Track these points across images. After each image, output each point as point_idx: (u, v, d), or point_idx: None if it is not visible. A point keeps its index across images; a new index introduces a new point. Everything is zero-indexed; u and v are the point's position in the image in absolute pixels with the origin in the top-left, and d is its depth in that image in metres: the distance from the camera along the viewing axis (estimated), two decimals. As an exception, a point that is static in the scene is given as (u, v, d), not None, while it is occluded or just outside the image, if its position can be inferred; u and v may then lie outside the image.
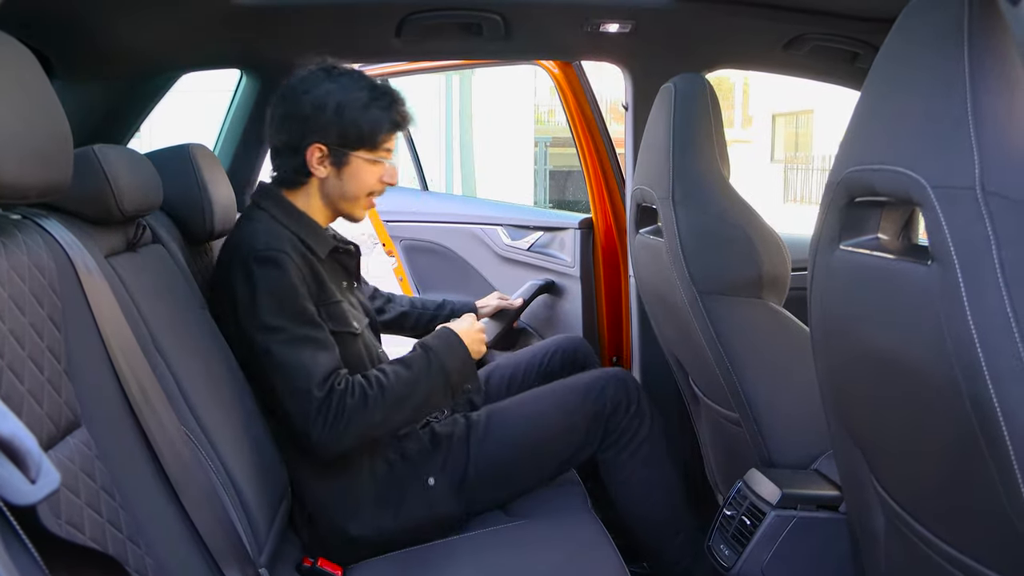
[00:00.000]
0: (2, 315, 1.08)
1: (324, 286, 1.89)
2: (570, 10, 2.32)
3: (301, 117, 1.92)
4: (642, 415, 2.10)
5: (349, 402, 1.76)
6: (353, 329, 1.94)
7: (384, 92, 1.96)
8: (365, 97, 1.92)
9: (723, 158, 1.93)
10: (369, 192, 2.00)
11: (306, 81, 1.95)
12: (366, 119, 1.92)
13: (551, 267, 3.13)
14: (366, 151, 1.95)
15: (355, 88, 1.93)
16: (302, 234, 1.92)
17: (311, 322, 1.81)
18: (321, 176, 1.95)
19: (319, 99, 1.91)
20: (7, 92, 1.09)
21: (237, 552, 1.45)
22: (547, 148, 18.91)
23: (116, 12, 1.89)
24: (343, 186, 1.96)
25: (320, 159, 1.93)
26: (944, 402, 0.99)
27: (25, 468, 0.73)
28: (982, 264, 0.90)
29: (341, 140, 1.92)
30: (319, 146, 1.92)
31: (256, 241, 1.84)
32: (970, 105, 0.91)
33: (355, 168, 1.95)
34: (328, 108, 1.90)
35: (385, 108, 1.94)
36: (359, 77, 1.97)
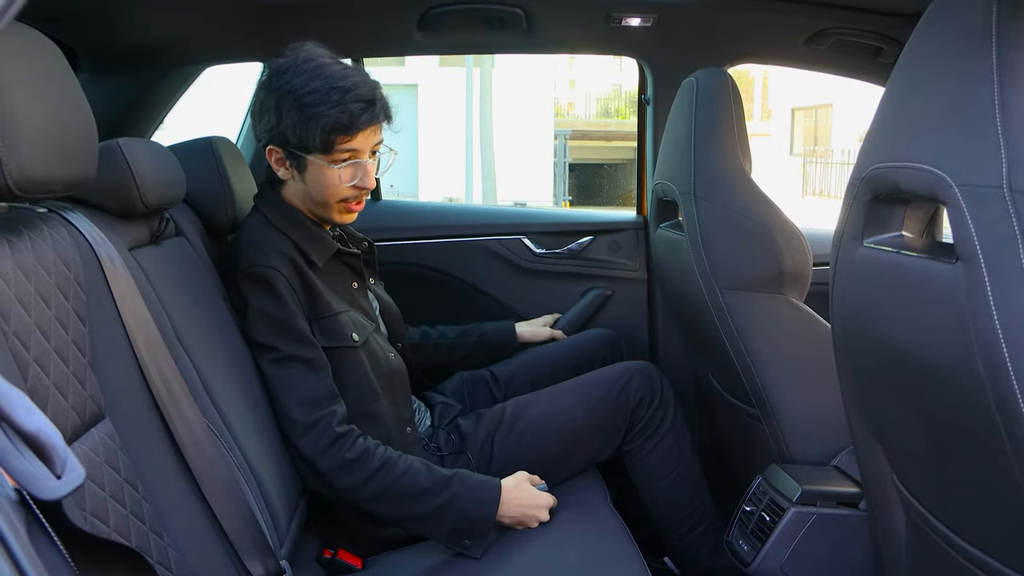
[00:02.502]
0: (28, 308, 1.09)
1: (318, 298, 1.82)
2: (592, 4, 2.31)
3: (258, 116, 1.84)
4: (666, 407, 2.09)
5: (347, 454, 1.72)
6: (350, 343, 1.85)
7: (337, 87, 1.76)
8: (313, 92, 1.75)
9: (745, 153, 1.92)
10: (340, 198, 1.86)
11: (269, 76, 1.82)
12: (306, 118, 1.76)
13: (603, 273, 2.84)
14: (319, 155, 1.80)
15: (307, 82, 1.76)
16: (298, 239, 1.85)
17: (300, 341, 1.76)
18: (285, 179, 1.88)
19: (269, 98, 1.80)
20: (33, 86, 1.10)
21: (258, 544, 1.46)
22: (567, 141, 18.89)
23: (141, 6, 1.90)
24: (308, 189, 1.86)
25: (278, 161, 1.85)
26: (968, 401, 0.98)
27: (51, 463, 0.74)
28: (1008, 263, 0.89)
29: (292, 143, 1.80)
30: (273, 148, 1.84)
31: (243, 256, 1.80)
32: (997, 102, 0.91)
33: (314, 171, 1.83)
34: (273, 107, 1.79)
35: (333, 105, 1.75)
36: (320, 69, 1.78)
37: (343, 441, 1.73)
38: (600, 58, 10.06)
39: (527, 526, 1.80)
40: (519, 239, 2.83)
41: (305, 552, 1.77)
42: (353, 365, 1.86)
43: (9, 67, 1.04)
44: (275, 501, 1.59)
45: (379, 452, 1.75)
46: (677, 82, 2.08)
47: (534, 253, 2.83)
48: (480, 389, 2.32)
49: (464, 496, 1.74)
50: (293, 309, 1.77)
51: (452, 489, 1.74)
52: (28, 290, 1.11)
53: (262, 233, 1.85)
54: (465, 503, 1.74)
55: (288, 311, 1.76)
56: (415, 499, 1.73)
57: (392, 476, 1.73)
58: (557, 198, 18.59)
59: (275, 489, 1.61)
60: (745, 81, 23.52)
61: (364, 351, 1.89)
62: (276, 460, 1.68)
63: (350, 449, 1.73)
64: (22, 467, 0.71)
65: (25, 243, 1.15)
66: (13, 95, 1.04)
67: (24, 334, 1.07)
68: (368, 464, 1.72)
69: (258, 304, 1.77)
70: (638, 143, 2.87)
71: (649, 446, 2.08)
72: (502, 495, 1.77)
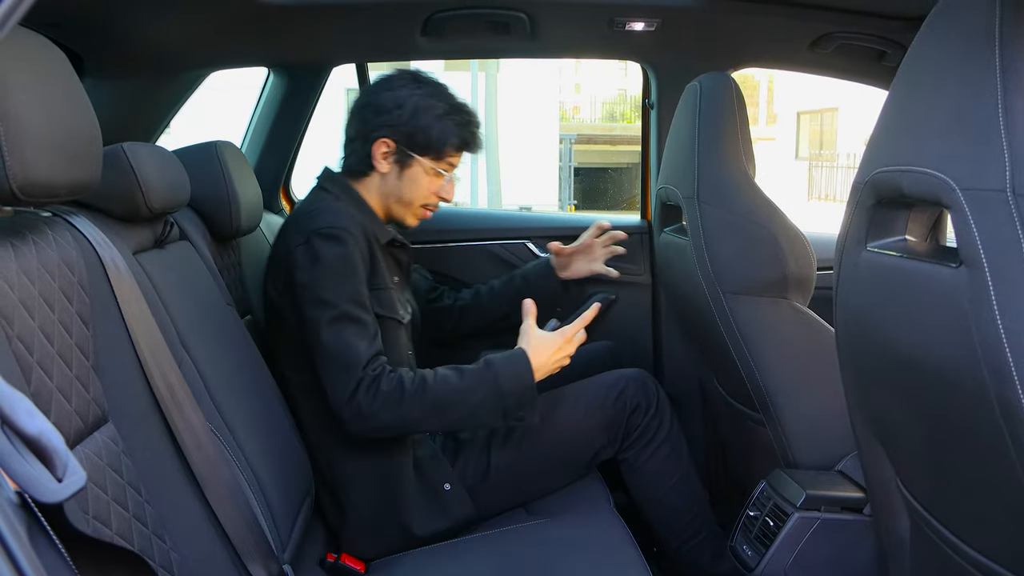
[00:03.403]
0: (32, 312, 1.10)
1: (378, 270, 1.91)
2: (596, 9, 2.31)
3: (378, 109, 1.97)
4: (662, 415, 2.10)
5: (385, 389, 1.75)
6: (399, 316, 1.95)
7: (462, 110, 2.01)
8: (444, 108, 1.97)
9: (748, 157, 1.92)
10: (424, 203, 2.04)
11: (392, 80, 2.01)
12: (438, 128, 1.96)
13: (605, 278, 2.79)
14: (430, 159, 1.99)
15: (437, 97, 1.98)
16: (363, 219, 1.94)
17: (361, 304, 1.82)
18: (382, 171, 1.99)
19: (400, 97, 1.96)
20: (38, 91, 1.10)
21: (261, 547, 1.46)
22: (572, 145, 18.89)
23: (146, 11, 1.90)
24: (400, 187, 2.01)
25: (385, 154, 1.98)
26: (972, 406, 0.98)
27: (52, 466, 0.74)
28: (1012, 267, 0.89)
29: (409, 141, 1.97)
30: (387, 141, 1.97)
31: (320, 218, 1.87)
32: (1001, 106, 0.90)
33: (415, 172, 2.00)
34: (405, 107, 1.95)
35: (460, 125, 1.99)
36: (444, 89, 2.02)
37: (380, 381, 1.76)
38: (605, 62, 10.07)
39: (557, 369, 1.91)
40: (523, 243, 2.84)
41: (308, 556, 1.77)
42: (397, 340, 1.94)
43: (14, 72, 1.05)
44: (278, 505, 1.59)
45: (408, 376, 1.79)
46: (681, 86, 2.08)
47: (538, 257, 2.83)
48: None
49: (501, 379, 1.83)
50: (360, 272, 1.84)
51: (489, 376, 1.83)
52: (32, 294, 1.11)
53: (335, 204, 1.94)
54: (504, 384, 1.83)
55: (356, 272, 1.83)
56: (458, 403, 1.80)
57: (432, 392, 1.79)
58: (562, 202, 18.59)
59: (278, 493, 1.61)
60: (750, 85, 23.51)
61: (404, 332, 1.98)
62: (279, 464, 1.68)
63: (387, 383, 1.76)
64: (23, 470, 0.72)
65: (29, 247, 1.16)
66: (18, 100, 1.04)
67: (28, 337, 1.07)
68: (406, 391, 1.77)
69: (330, 261, 1.81)
70: (642, 148, 2.87)
71: (646, 454, 2.09)
72: (531, 360, 1.86)
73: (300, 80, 2.71)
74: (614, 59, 2.81)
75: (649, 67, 2.70)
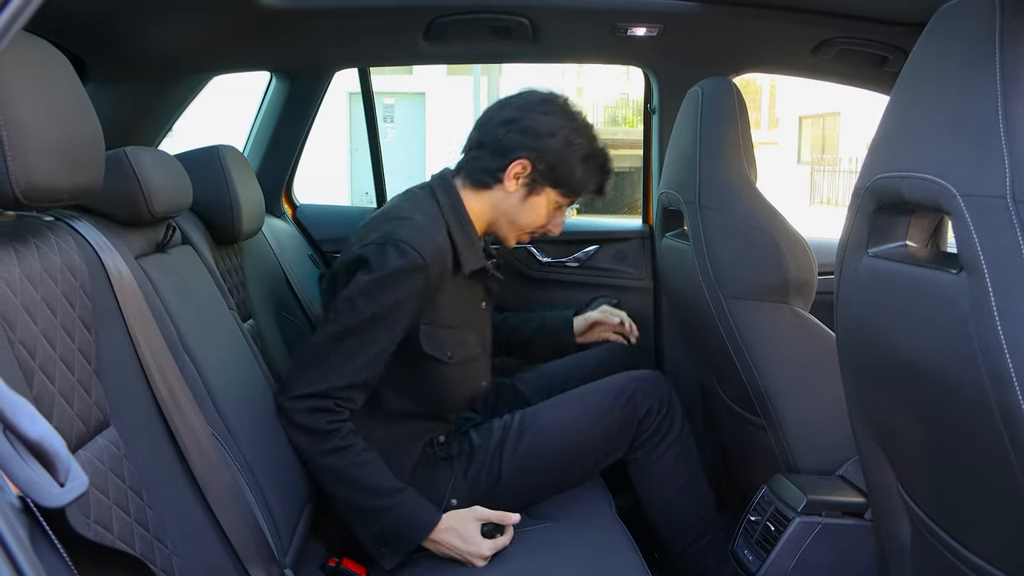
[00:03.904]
0: (34, 316, 1.10)
1: (440, 305, 1.87)
2: (597, 14, 2.31)
3: (530, 129, 1.91)
4: (673, 417, 2.08)
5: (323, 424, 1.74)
6: (444, 358, 1.90)
7: (604, 154, 1.99)
8: (589, 149, 1.94)
9: (750, 162, 1.92)
10: (535, 228, 2.01)
11: (547, 104, 1.95)
12: (582, 168, 1.94)
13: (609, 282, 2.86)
14: (560, 193, 1.96)
15: (584, 136, 1.94)
16: (458, 241, 1.89)
17: (385, 327, 1.78)
18: (508, 190, 1.94)
19: (555, 125, 1.91)
20: (41, 96, 1.10)
21: (262, 552, 1.46)
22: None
23: (149, 15, 1.91)
24: (520, 210, 1.96)
25: (518, 175, 1.92)
26: (972, 411, 0.98)
27: (54, 471, 0.74)
28: (1012, 273, 0.89)
29: (549, 171, 1.92)
30: (526, 163, 1.91)
31: (406, 226, 1.82)
32: (1001, 113, 0.91)
33: (540, 201, 1.96)
34: (557, 137, 1.90)
35: (598, 168, 1.98)
36: (591, 129, 1.98)
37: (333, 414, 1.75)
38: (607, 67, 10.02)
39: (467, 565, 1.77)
40: (525, 248, 2.83)
41: (309, 560, 1.77)
42: (440, 378, 1.92)
43: (16, 76, 1.05)
44: (279, 509, 1.59)
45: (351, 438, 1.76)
46: (683, 91, 2.08)
47: (540, 262, 2.84)
48: (501, 397, 2.32)
49: (402, 510, 1.76)
50: (411, 302, 1.80)
51: (393, 500, 1.76)
52: (34, 298, 1.11)
53: (431, 220, 1.88)
54: (399, 517, 1.76)
55: (406, 300, 1.79)
56: (359, 491, 1.76)
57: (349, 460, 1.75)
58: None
59: (279, 497, 1.61)
60: (752, 90, 23.50)
61: (456, 369, 1.93)
62: (281, 468, 1.68)
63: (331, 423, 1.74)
64: (25, 475, 0.72)
65: (32, 251, 1.16)
66: (20, 104, 1.05)
67: (30, 342, 1.07)
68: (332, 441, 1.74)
69: (385, 272, 1.77)
70: (644, 152, 2.87)
71: (655, 455, 2.07)
72: (438, 528, 1.77)
73: (302, 84, 2.72)
74: (616, 64, 2.81)
75: (651, 72, 2.70)
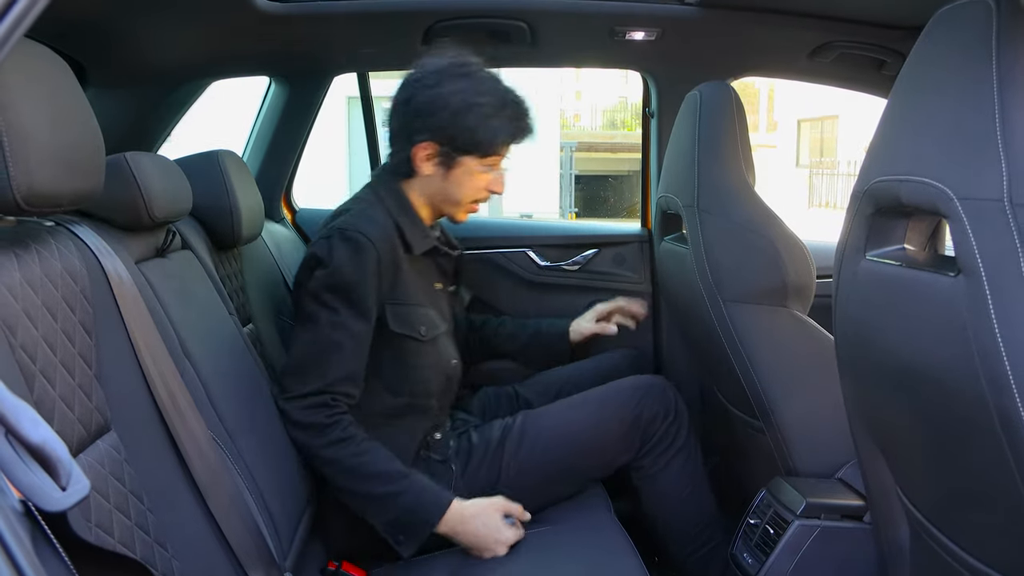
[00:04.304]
0: (35, 321, 1.10)
1: (400, 283, 1.88)
2: (596, 18, 2.32)
3: (419, 110, 1.87)
4: (679, 423, 2.06)
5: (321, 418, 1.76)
6: (418, 335, 1.91)
7: (512, 101, 1.91)
8: (491, 103, 1.87)
9: (748, 166, 1.93)
10: (473, 199, 1.98)
11: (437, 74, 1.88)
12: (485, 127, 1.87)
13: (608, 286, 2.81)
14: (476, 158, 1.91)
15: (484, 92, 1.87)
16: (403, 225, 1.91)
17: (360, 313, 1.81)
18: (426, 174, 1.93)
19: (443, 96, 1.85)
20: (41, 101, 1.11)
21: (262, 555, 1.46)
22: (572, 153, 18.88)
23: (149, 21, 1.91)
24: (446, 188, 1.95)
25: (427, 156, 1.91)
26: (970, 414, 0.98)
27: (56, 475, 0.75)
28: (1010, 276, 0.89)
29: (452, 143, 1.88)
30: (429, 144, 1.89)
31: (350, 219, 1.85)
32: (998, 116, 0.91)
33: (462, 172, 1.92)
34: (449, 108, 1.85)
35: (509, 119, 1.90)
36: (492, 81, 1.91)
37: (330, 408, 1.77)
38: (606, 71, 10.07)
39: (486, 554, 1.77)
40: (524, 252, 2.83)
41: (309, 564, 1.77)
42: (415, 357, 1.92)
43: (17, 82, 1.05)
44: (279, 513, 1.60)
45: (351, 430, 1.78)
46: (681, 95, 2.09)
47: (539, 266, 2.84)
48: (503, 403, 2.31)
49: (411, 495, 1.77)
50: (370, 282, 1.81)
51: (402, 484, 1.78)
52: (35, 303, 1.12)
53: (373, 208, 1.91)
54: (411, 501, 1.77)
55: (365, 281, 1.80)
56: (366, 479, 1.77)
57: (351, 450, 1.77)
58: (563, 210, 18.58)
59: (279, 501, 1.62)
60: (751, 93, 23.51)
61: (430, 347, 1.94)
62: (281, 472, 1.69)
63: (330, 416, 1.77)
64: (27, 479, 0.72)
65: (32, 257, 1.16)
66: (21, 110, 1.05)
67: (31, 347, 1.08)
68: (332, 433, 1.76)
69: (340, 263, 1.79)
70: (643, 156, 2.87)
71: (662, 462, 2.05)
72: (451, 512, 1.78)
73: (301, 89, 2.72)
74: (614, 68, 2.82)
75: (649, 76, 2.71)
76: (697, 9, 2.27)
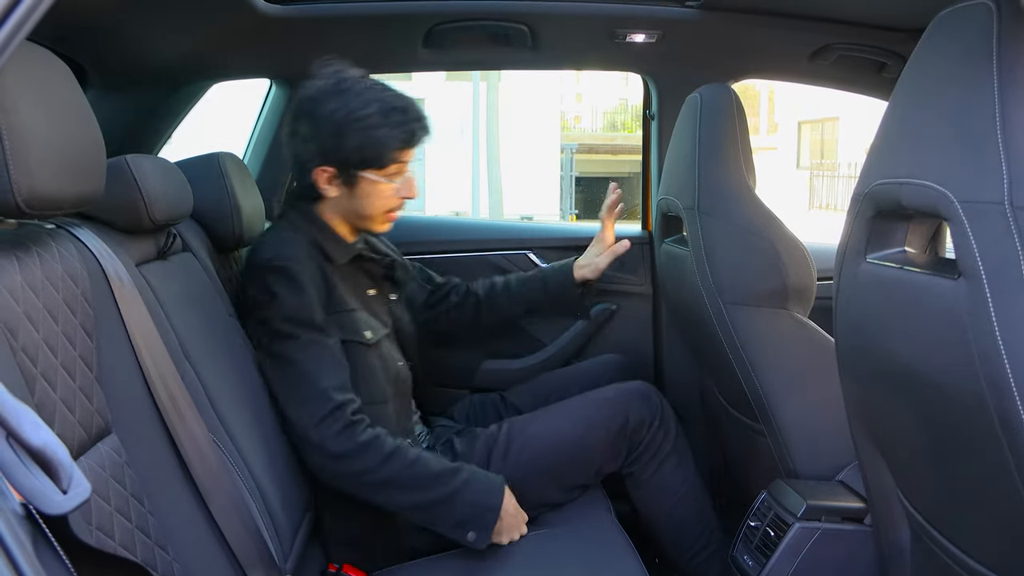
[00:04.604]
0: (36, 324, 1.10)
1: (334, 293, 1.86)
2: (596, 20, 2.32)
3: (307, 137, 1.85)
4: (667, 428, 2.06)
5: (359, 438, 1.73)
6: (364, 339, 1.89)
7: (395, 108, 1.84)
8: (374, 114, 1.82)
9: (749, 168, 1.93)
10: (389, 208, 1.93)
11: (314, 99, 1.86)
12: (372, 140, 1.82)
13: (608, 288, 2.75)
14: (374, 171, 1.87)
15: (363, 105, 1.82)
16: (319, 239, 1.89)
17: (320, 330, 1.79)
18: (331, 196, 1.90)
19: (324, 119, 1.83)
20: (42, 104, 1.11)
21: (263, 558, 1.46)
22: (573, 154, 18.92)
23: (149, 23, 1.91)
24: (355, 205, 1.91)
25: (328, 179, 1.88)
26: (971, 416, 0.98)
27: (57, 478, 0.75)
28: (1010, 279, 0.89)
29: (345, 163, 1.85)
30: (324, 168, 1.86)
31: (268, 251, 1.84)
32: (999, 119, 0.91)
33: (365, 188, 1.88)
34: (331, 130, 1.82)
35: (396, 126, 1.84)
36: (369, 91, 1.86)
37: (356, 427, 1.74)
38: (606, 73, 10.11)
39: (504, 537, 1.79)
40: (525, 254, 2.83)
41: (310, 566, 1.77)
42: (365, 363, 1.89)
43: (18, 85, 1.05)
44: (280, 515, 1.60)
45: (390, 439, 1.76)
46: (681, 98, 2.09)
47: (539, 268, 2.83)
48: (489, 412, 2.30)
49: (472, 485, 1.77)
50: (314, 301, 1.80)
51: (461, 477, 1.77)
52: (36, 306, 1.12)
53: (285, 233, 1.90)
54: (472, 492, 1.76)
55: (309, 302, 1.79)
56: (425, 486, 1.75)
57: (404, 462, 1.74)
58: (564, 212, 18.60)
59: (280, 503, 1.62)
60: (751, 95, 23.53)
61: (376, 351, 1.92)
62: (281, 475, 1.69)
63: (363, 433, 1.74)
64: (28, 482, 0.72)
65: (33, 259, 1.16)
66: (22, 112, 1.05)
67: (32, 349, 1.08)
68: (381, 448, 1.74)
69: (283, 294, 1.79)
70: (643, 158, 2.87)
71: (651, 468, 2.06)
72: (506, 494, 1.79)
73: (302, 91, 2.72)
74: (615, 70, 2.82)
75: (650, 78, 2.71)
76: (697, 11, 2.28)
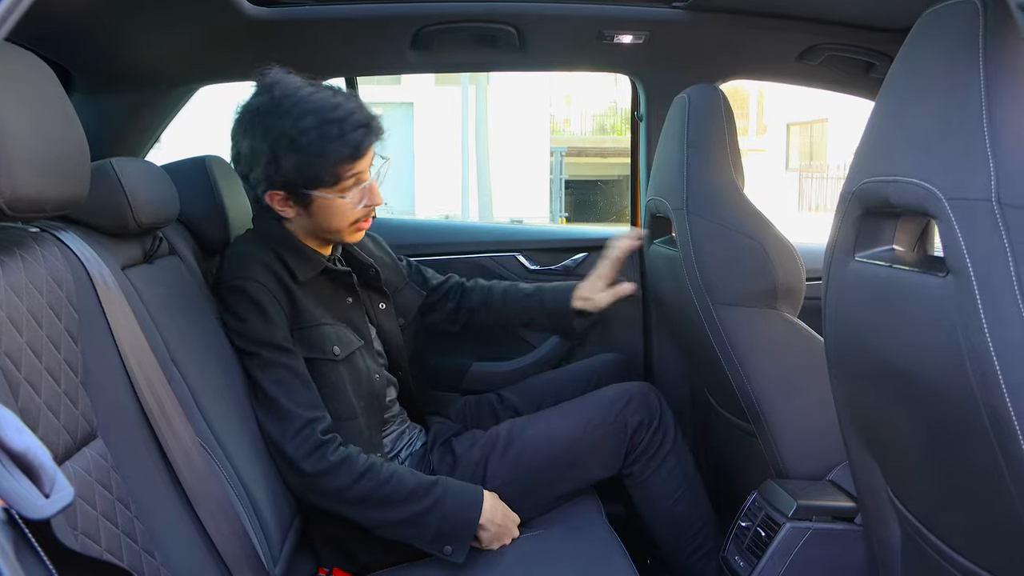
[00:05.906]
0: (20, 328, 1.09)
1: (299, 309, 1.81)
2: (584, 22, 2.32)
3: (250, 161, 1.78)
4: (665, 429, 2.05)
5: (331, 457, 1.71)
6: (330, 356, 1.84)
7: (330, 120, 1.72)
8: (309, 130, 1.71)
9: (737, 168, 1.93)
10: (352, 220, 1.85)
11: (248, 120, 1.77)
12: (311, 160, 1.73)
13: None
14: (326, 188, 1.77)
15: (296, 122, 1.72)
16: (284, 253, 1.84)
17: (282, 350, 1.76)
18: (290, 216, 1.84)
19: (259, 144, 1.74)
20: (25, 107, 1.10)
21: (251, 562, 1.46)
22: (563, 157, 18.92)
23: (135, 25, 1.91)
24: (317, 221, 1.84)
25: (281, 202, 1.81)
26: (960, 414, 0.98)
27: (39, 482, 0.74)
28: (998, 276, 0.89)
29: (292, 185, 1.77)
30: (272, 192, 1.80)
31: (227, 269, 1.82)
32: (985, 116, 0.91)
33: (321, 206, 1.80)
34: (269, 155, 1.74)
35: (334, 140, 1.72)
36: (304, 102, 1.74)
37: (327, 446, 1.72)
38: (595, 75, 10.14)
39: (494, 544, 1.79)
40: (513, 256, 2.83)
41: (299, 570, 1.77)
42: (332, 379, 1.84)
43: (1, 87, 1.05)
44: (268, 519, 1.59)
45: (363, 458, 1.74)
46: (670, 99, 2.09)
47: (528, 270, 2.83)
48: (485, 413, 2.29)
49: (448, 500, 1.75)
50: (275, 320, 1.77)
51: (436, 493, 1.75)
52: (20, 310, 1.11)
53: (248, 248, 1.85)
54: (449, 507, 1.74)
55: (269, 322, 1.76)
56: (400, 503, 1.73)
57: (377, 480, 1.73)
58: (553, 214, 18.60)
59: (269, 507, 1.61)
60: (740, 96, 23.57)
61: (345, 366, 1.87)
62: (269, 478, 1.68)
63: (334, 453, 1.72)
64: (10, 486, 0.71)
65: (17, 262, 1.15)
66: (5, 115, 1.04)
67: (15, 353, 1.07)
68: (353, 467, 1.72)
69: (242, 314, 1.77)
70: (631, 160, 2.87)
71: (650, 469, 2.05)
72: (484, 503, 1.77)
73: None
74: (603, 72, 2.82)
75: (638, 79, 2.71)
76: (685, 12, 2.28)
